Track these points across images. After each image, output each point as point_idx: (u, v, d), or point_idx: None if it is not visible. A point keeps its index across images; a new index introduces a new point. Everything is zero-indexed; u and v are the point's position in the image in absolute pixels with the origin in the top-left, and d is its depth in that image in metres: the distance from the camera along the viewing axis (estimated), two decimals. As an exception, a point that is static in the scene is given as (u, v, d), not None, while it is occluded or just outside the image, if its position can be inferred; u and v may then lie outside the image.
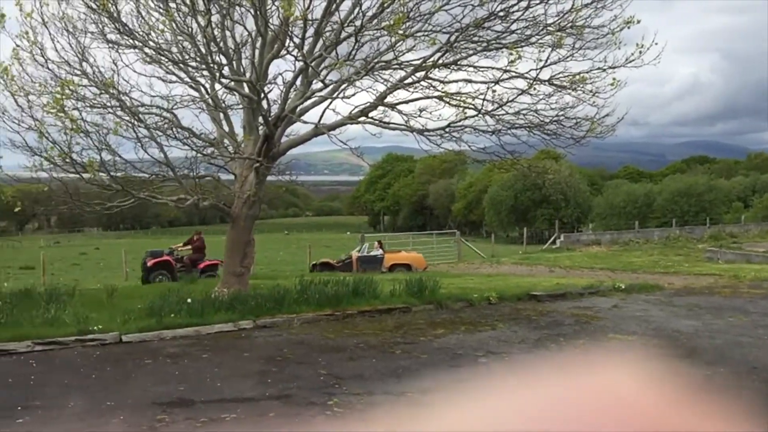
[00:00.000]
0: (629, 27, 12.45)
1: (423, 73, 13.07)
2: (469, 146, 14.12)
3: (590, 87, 12.88)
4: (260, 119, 13.36)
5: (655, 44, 12.28)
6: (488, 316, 12.39)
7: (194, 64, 13.02)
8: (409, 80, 13.26)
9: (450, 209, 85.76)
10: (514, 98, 13.05)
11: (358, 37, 11.96)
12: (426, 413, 0.64)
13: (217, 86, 13.46)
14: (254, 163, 13.20)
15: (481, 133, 13.74)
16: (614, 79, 12.70)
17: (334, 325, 11.51)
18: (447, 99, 13.23)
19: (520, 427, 0.60)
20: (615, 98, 12.94)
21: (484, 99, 12.96)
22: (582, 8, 12.28)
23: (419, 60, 13.10)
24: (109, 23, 12.21)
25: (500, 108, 13.14)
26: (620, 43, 12.57)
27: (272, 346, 9.92)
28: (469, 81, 13.18)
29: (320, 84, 13.15)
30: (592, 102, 13.00)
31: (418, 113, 13.36)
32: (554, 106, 13.23)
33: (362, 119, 13.48)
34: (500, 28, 12.60)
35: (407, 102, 13.54)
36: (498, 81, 12.86)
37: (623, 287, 15.70)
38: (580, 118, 13.24)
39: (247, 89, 12.87)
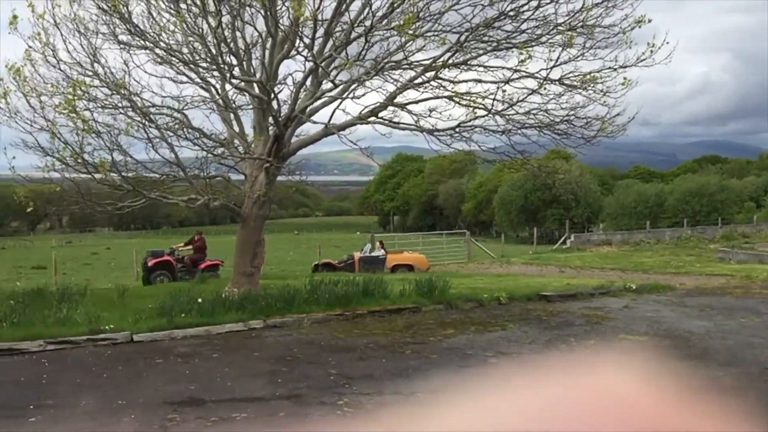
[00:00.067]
0: (640, 26, 12.40)
1: (433, 73, 13.06)
2: (479, 146, 14.10)
3: (601, 86, 12.85)
4: (270, 119, 13.39)
5: (667, 43, 12.25)
6: (498, 317, 12.36)
7: (205, 65, 13.06)
8: (419, 80, 13.25)
9: (460, 209, 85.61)
10: (525, 98, 13.03)
11: (368, 38, 11.96)
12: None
13: (228, 87, 13.50)
14: (264, 164, 13.23)
15: (491, 133, 13.72)
16: (625, 79, 12.66)
17: (344, 325, 11.52)
18: (457, 99, 13.22)
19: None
20: (626, 98, 12.92)
21: (494, 99, 12.94)
22: (593, 7, 12.24)
23: (429, 60, 13.10)
24: (121, 24, 12.29)
25: (510, 108, 13.11)
26: (631, 43, 12.54)
27: (282, 346, 9.94)
28: (479, 81, 13.16)
29: (330, 84, 13.16)
30: (603, 101, 12.97)
31: (428, 113, 13.37)
32: (565, 106, 13.20)
33: (372, 119, 13.48)
34: (510, 28, 12.58)
35: (417, 102, 13.54)
36: (508, 81, 12.83)
37: (634, 288, 15.62)
38: (591, 118, 13.20)
39: (258, 90, 12.90)
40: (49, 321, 10.60)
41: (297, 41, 12.75)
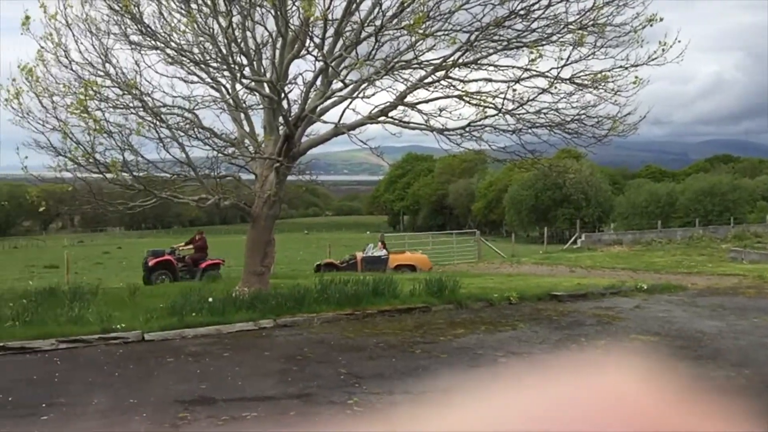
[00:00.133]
0: (652, 25, 12.33)
1: (443, 73, 13.04)
2: (490, 145, 14.05)
3: (612, 85, 12.78)
4: (280, 119, 13.41)
5: (678, 42, 12.18)
6: (509, 316, 12.33)
7: (215, 65, 13.09)
8: (429, 79, 13.24)
9: (470, 209, 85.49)
10: (535, 97, 12.98)
11: (378, 37, 11.96)
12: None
13: (238, 86, 13.53)
14: (275, 163, 13.25)
15: (502, 133, 13.68)
16: (636, 78, 12.60)
17: (354, 325, 11.53)
18: (467, 98, 13.19)
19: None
20: (637, 96, 12.85)
21: (505, 98, 12.90)
22: (603, 6, 12.19)
23: (439, 59, 13.08)
24: (132, 25, 12.35)
25: (521, 107, 13.07)
26: (642, 41, 12.47)
27: (293, 345, 9.96)
28: (490, 80, 13.13)
29: (340, 84, 13.17)
30: (614, 100, 12.90)
31: (438, 113, 13.34)
32: (575, 105, 13.14)
33: (382, 119, 13.48)
34: (521, 27, 12.54)
35: (427, 101, 13.52)
36: (518, 80, 12.79)
37: (645, 287, 15.54)
38: (602, 117, 13.13)
39: (268, 89, 12.93)
40: (62, 320, 10.67)
41: (307, 41, 12.76)
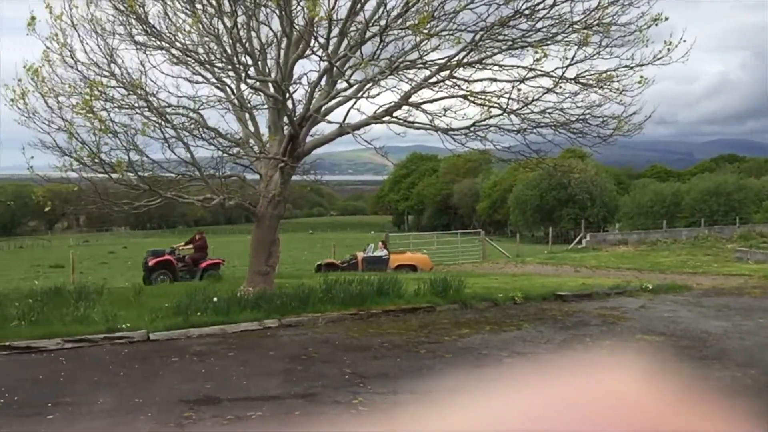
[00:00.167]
0: (657, 24, 12.30)
1: (448, 72, 13.03)
2: (494, 145, 14.04)
3: (617, 85, 12.76)
4: (285, 119, 13.42)
5: (684, 41, 12.14)
6: (513, 316, 12.32)
7: (220, 65, 13.12)
8: (434, 79, 13.23)
9: (474, 209, 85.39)
10: (540, 97, 12.96)
11: (383, 37, 11.97)
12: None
13: (243, 87, 13.55)
14: (279, 163, 13.27)
15: (506, 132, 13.66)
16: (641, 77, 12.57)
17: (359, 325, 11.54)
18: (472, 98, 13.18)
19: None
20: (642, 96, 12.84)
21: (509, 98, 12.89)
22: (609, 6, 12.17)
23: (444, 59, 13.07)
24: (137, 25, 12.38)
25: (525, 107, 13.06)
26: (648, 41, 12.43)
27: (297, 345, 9.97)
28: (494, 80, 13.11)
29: (345, 84, 13.17)
30: (619, 100, 12.88)
31: (443, 112, 13.33)
32: (580, 105, 13.13)
33: (387, 119, 13.48)
34: (526, 27, 12.52)
35: (432, 101, 13.51)
36: (523, 80, 12.77)
37: (651, 287, 15.51)
38: (607, 117, 13.11)
39: (273, 89, 12.95)
40: (67, 319, 10.70)
41: (312, 41, 12.78)
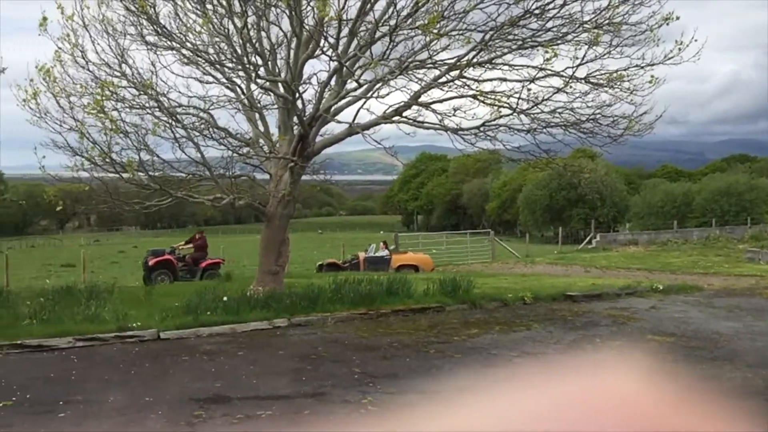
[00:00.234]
0: (668, 24, 12.24)
1: (457, 72, 13.01)
2: (504, 145, 14.00)
3: (628, 85, 12.70)
4: (295, 119, 13.45)
5: (695, 41, 12.06)
6: (523, 317, 12.30)
7: (230, 65, 13.16)
8: (444, 79, 13.21)
9: (484, 208, 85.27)
10: (550, 96, 12.92)
11: (393, 37, 11.97)
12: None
13: (253, 87, 13.58)
14: (289, 163, 13.29)
15: (516, 132, 13.62)
16: (652, 77, 12.50)
17: (368, 324, 11.54)
18: (481, 98, 13.16)
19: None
20: (653, 96, 12.77)
21: (519, 97, 12.86)
22: (619, 5, 12.11)
23: (454, 59, 13.05)
24: (148, 25, 12.42)
25: (535, 106, 13.02)
26: (658, 40, 12.37)
27: (307, 345, 9.98)
28: (504, 79, 13.08)
29: (355, 84, 13.18)
30: (630, 100, 12.82)
31: (453, 112, 13.31)
32: (591, 104, 13.07)
33: (396, 118, 13.48)
34: (536, 26, 12.49)
35: (441, 101, 13.50)
36: (533, 79, 12.74)
37: (661, 288, 15.44)
38: (618, 116, 13.06)
39: (282, 89, 12.97)
40: (78, 318, 10.76)
41: (322, 41, 12.79)
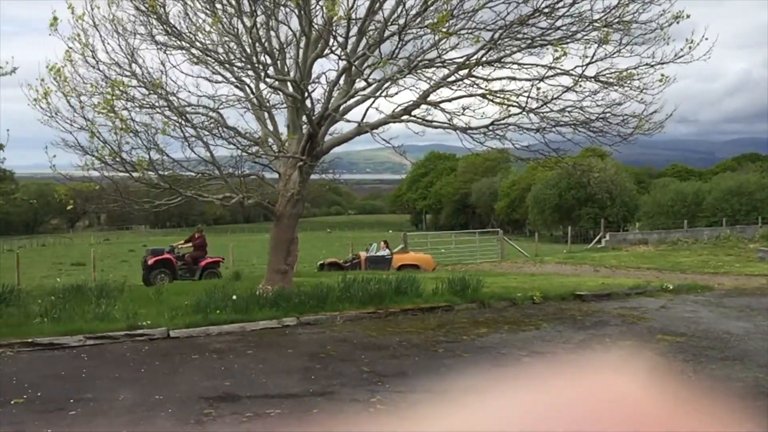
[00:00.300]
0: (678, 22, 12.18)
1: (466, 71, 12.99)
2: (513, 144, 13.98)
3: (638, 83, 12.65)
4: (304, 118, 13.46)
5: (705, 39, 12.00)
6: (532, 316, 12.27)
7: (240, 65, 13.18)
8: (453, 78, 13.20)
9: (493, 208, 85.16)
10: (559, 95, 12.88)
11: (402, 36, 11.96)
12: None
13: (262, 86, 13.61)
14: (298, 162, 13.31)
15: (525, 131, 13.59)
16: (662, 75, 12.44)
17: (377, 323, 11.55)
18: (490, 97, 13.13)
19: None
20: (663, 95, 12.71)
21: (529, 96, 12.83)
22: (629, 3, 12.06)
23: (463, 58, 13.04)
24: (158, 25, 12.47)
25: (545, 105, 12.99)
26: (669, 39, 12.31)
27: (315, 343, 10.00)
28: (513, 78, 13.05)
29: (363, 83, 13.18)
30: (640, 99, 12.76)
31: (462, 111, 13.30)
32: (600, 103, 13.02)
33: (405, 118, 13.48)
34: (545, 25, 12.45)
35: (450, 100, 13.49)
36: (543, 78, 12.70)
37: (671, 287, 15.37)
38: (627, 115, 13.00)
39: (291, 89, 12.99)
40: (89, 316, 10.82)
41: (331, 40, 12.80)
